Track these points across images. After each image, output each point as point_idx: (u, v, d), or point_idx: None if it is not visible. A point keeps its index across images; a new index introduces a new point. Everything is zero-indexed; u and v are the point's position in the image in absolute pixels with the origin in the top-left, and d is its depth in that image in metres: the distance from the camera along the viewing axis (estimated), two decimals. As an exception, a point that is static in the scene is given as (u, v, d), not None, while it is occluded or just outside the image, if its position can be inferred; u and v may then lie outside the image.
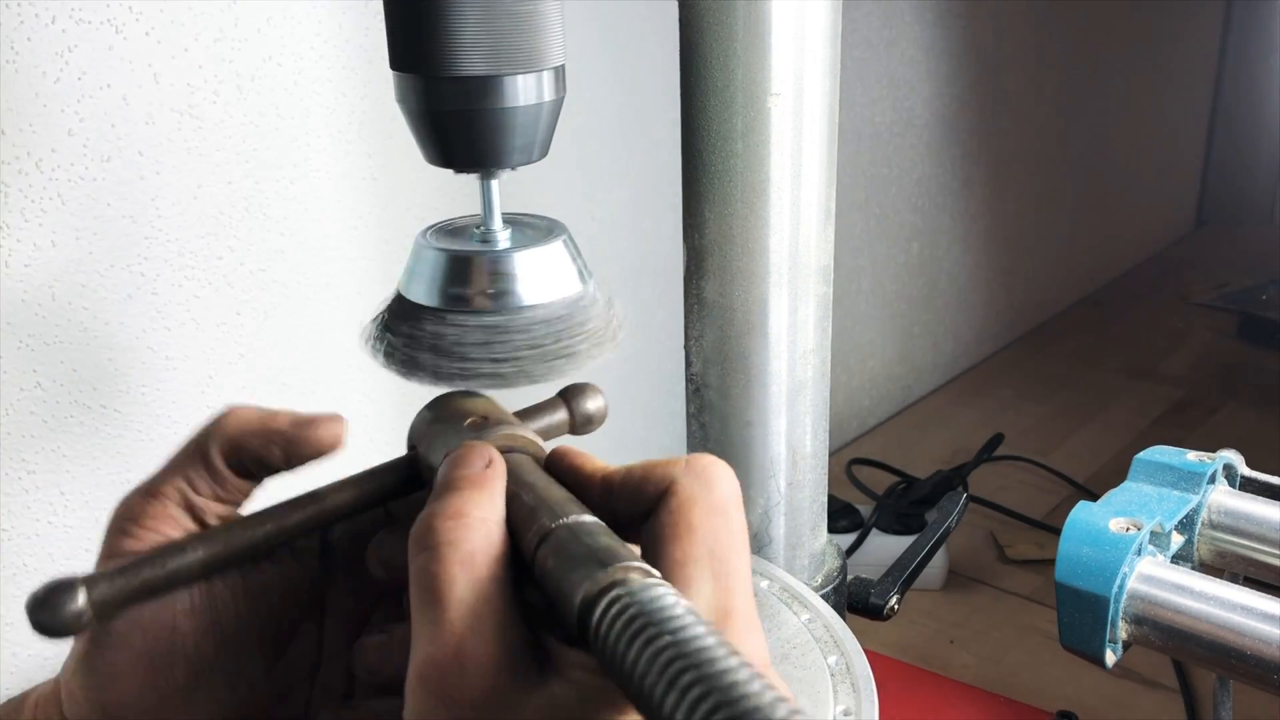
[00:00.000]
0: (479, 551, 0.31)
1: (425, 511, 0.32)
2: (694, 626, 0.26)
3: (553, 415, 0.41)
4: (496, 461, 0.34)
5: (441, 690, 0.29)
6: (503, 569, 0.31)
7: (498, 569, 0.31)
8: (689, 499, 0.32)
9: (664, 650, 0.25)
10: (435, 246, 0.41)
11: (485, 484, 0.33)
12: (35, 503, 0.77)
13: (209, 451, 0.37)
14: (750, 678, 0.24)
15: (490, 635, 0.29)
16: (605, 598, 0.28)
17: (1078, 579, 0.49)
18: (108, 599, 0.34)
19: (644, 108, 1.15)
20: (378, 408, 0.97)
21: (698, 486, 0.32)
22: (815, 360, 0.63)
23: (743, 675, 0.24)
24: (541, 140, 0.42)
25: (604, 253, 1.15)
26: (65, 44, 0.72)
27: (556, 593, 0.29)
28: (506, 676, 0.29)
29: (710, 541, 0.31)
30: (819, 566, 0.68)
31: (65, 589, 0.34)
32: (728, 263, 0.60)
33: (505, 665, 0.29)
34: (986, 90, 1.79)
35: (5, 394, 0.74)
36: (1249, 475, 0.55)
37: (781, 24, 0.55)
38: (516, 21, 0.39)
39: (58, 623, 0.34)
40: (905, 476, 1.49)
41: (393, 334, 0.41)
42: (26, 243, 0.73)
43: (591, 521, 0.31)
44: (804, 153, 0.58)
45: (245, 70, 0.82)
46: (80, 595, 0.34)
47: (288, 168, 0.86)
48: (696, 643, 0.25)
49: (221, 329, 0.85)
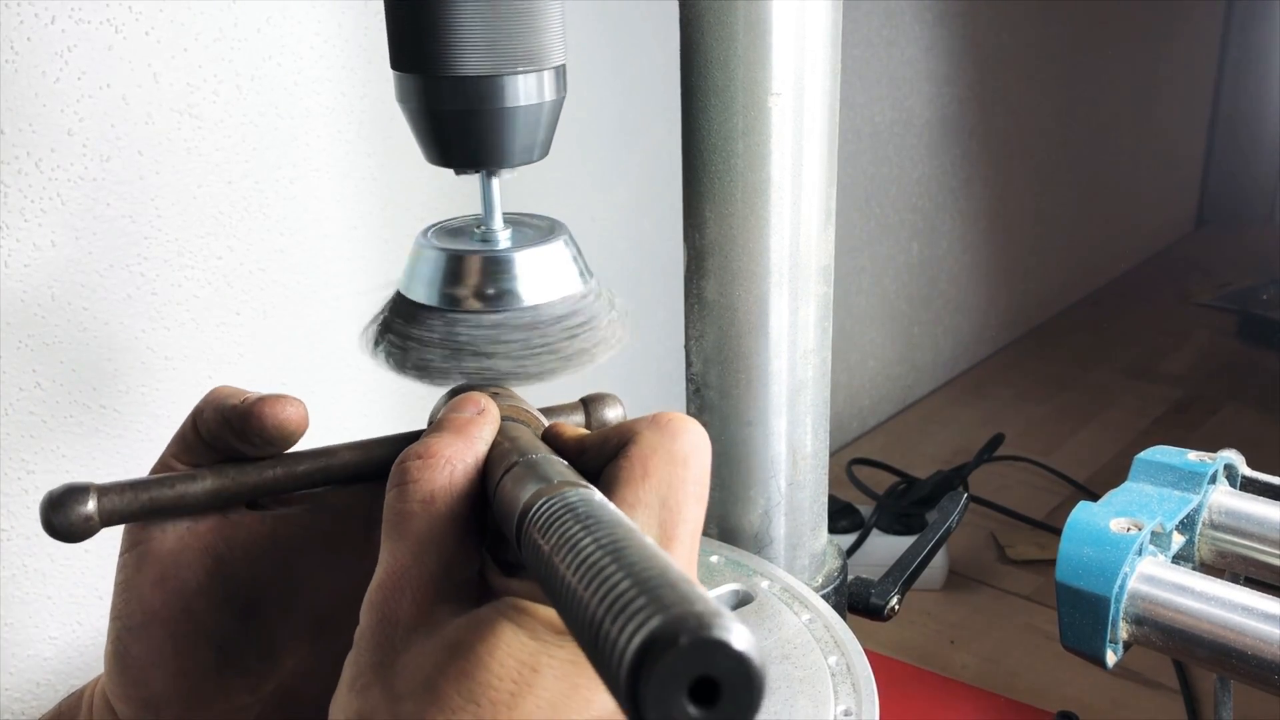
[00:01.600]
0: (439, 490, 0.33)
1: (406, 448, 0.34)
2: (621, 525, 0.25)
3: (568, 417, 0.42)
4: (488, 410, 0.36)
5: (382, 609, 0.31)
6: (463, 508, 0.33)
7: (457, 507, 0.33)
8: (649, 447, 0.33)
9: (582, 541, 0.24)
10: (436, 246, 0.41)
11: (465, 428, 0.35)
12: (35, 503, 0.77)
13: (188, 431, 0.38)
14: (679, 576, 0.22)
15: (432, 565, 0.31)
16: (537, 502, 0.28)
17: (1078, 579, 0.49)
18: (116, 509, 0.36)
19: (644, 108, 1.15)
20: (378, 408, 0.97)
21: (660, 436, 0.33)
22: (816, 360, 0.63)
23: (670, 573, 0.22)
24: (542, 140, 0.42)
25: (604, 253, 1.15)
26: (65, 44, 0.72)
27: (505, 515, 0.31)
28: (440, 602, 0.31)
29: (663, 489, 0.32)
30: (819, 567, 0.68)
31: (78, 492, 0.35)
32: (728, 263, 0.60)
33: (441, 592, 0.31)
34: (986, 90, 1.79)
35: (5, 394, 0.74)
36: (1250, 475, 0.55)
37: (782, 24, 0.55)
38: (517, 21, 0.39)
39: (67, 523, 0.35)
40: (905, 476, 1.49)
41: (392, 334, 0.41)
42: (26, 243, 0.73)
43: (555, 459, 0.33)
44: (804, 153, 0.58)
45: (245, 70, 0.82)
46: (91, 501, 0.35)
47: (287, 168, 0.86)
48: (624, 540, 0.24)
49: (221, 329, 0.85)
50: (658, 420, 0.33)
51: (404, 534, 0.32)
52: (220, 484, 0.37)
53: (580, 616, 0.23)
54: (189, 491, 0.37)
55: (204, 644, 0.37)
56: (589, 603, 0.22)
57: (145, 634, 0.37)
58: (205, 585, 0.37)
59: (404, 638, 0.30)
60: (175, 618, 0.37)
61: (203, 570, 0.38)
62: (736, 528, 0.64)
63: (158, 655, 0.37)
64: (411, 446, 0.34)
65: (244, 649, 0.38)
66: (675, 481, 0.32)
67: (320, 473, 0.38)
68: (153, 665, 0.37)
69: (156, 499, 0.36)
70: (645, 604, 0.21)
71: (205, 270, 0.83)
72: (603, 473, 0.33)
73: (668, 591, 0.21)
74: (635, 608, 0.21)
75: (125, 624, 0.37)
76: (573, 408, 0.42)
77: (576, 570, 0.24)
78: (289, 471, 0.38)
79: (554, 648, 0.29)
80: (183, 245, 0.81)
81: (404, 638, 0.30)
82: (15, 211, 0.72)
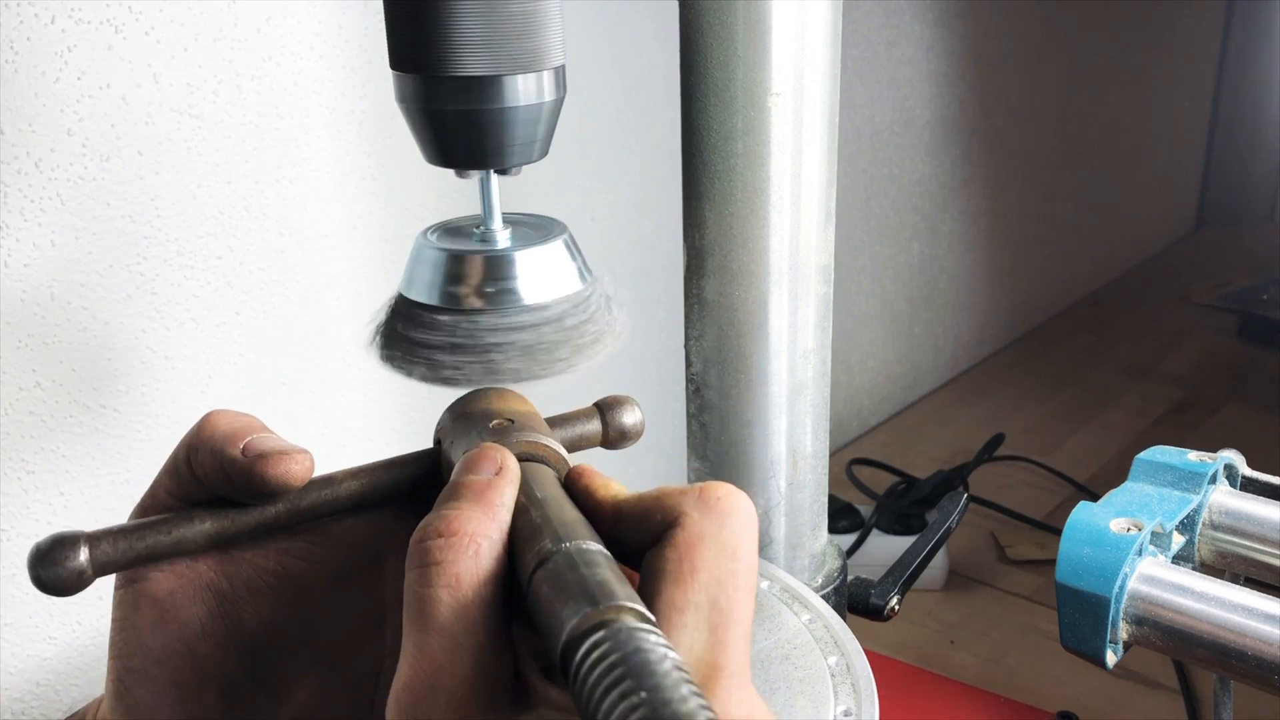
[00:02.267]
0: (465, 574, 0.29)
1: (423, 522, 0.31)
2: (676, 686, 0.24)
3: (585, 425, 0.40)
4: (507, 469, 0.33)
5: (414, 715, 0.28)
6: (492, 591, 0.30)
7: (486, 591, 0.30)
8: (697, 536, 0.30)
9: (638, 708, 0.24)
10: (436, 246, 0.41)
11: (486, 497, 0.32)
12: (35, 503, 0.77)
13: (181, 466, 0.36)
14: None
15: (468, 664, 0.29)
16: (590, 639, 0.26)
17: (1078, 579, 0.49)
18: (110, 559, 0.33)
19: (644, 108, 1.15)
20: (378, 408, 0.97)
21: (708, 521, 0.30)
22: (816, 360, 0.63)
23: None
24: (542, 140, 0.42)
25: (604, 253, 1.15)
26: (65, 44, 0.72)
27: (545, 624, 0.28)
28: (478, 708, 0.28)
29: (713, 588, 0.29)
30: (819, 567, 0.68)
31: (68, 544, 0.33)
32: (728, 262, 0.60)
33: (479, 696, 0.29)
34: (986, 90, 1.79)
35: (5, 394, 0.74)
36: (1250, 475, 0.55)
37: (782, 24, 0.55)
38: (517, 21, 0.38)
39: (58, 578, 0.33)
40: (905, 476, 1.49)
41: (394, 335, 0.41)
42: (26, 242, 0.73)
43: (595, 550, 0.30)
44: (804, 153, 0.58)
45: (245, 70, 0.82)
46: (82, 552, 0.33)
47: (287, 168, 0.86)
48: (673, 706, 0.24)
49: (221, 329, 0.85)
50: (705, 499, 0.30)
51: (431, 626, 0.29)
52: (219, 526, 0.35)
53: None
54: (186, 536, 0.34)
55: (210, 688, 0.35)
56: None
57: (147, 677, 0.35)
58: (208, 626, 0.35)
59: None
60: (178, 664, 0.35)
61: (204, 610, 0.35)
62: (736, 528, 0.64)
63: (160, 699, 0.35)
64: (429, 522, 0.31)
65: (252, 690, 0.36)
66: (726, 577, 0.29)
67: (325, 505, 0.36)
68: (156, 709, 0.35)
69: (153, 546, 0.34)
70: None
71: (205, 270, 0.83)
72: (645, 561, 0.30)
73: None
74: None
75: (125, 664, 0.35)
76: (587, 414, 0.40)
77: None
78: (292, 508, 0.36)
79: None
80: (183, 245, 0.81)
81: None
82: (15, 211, 0.72)
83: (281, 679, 0.37)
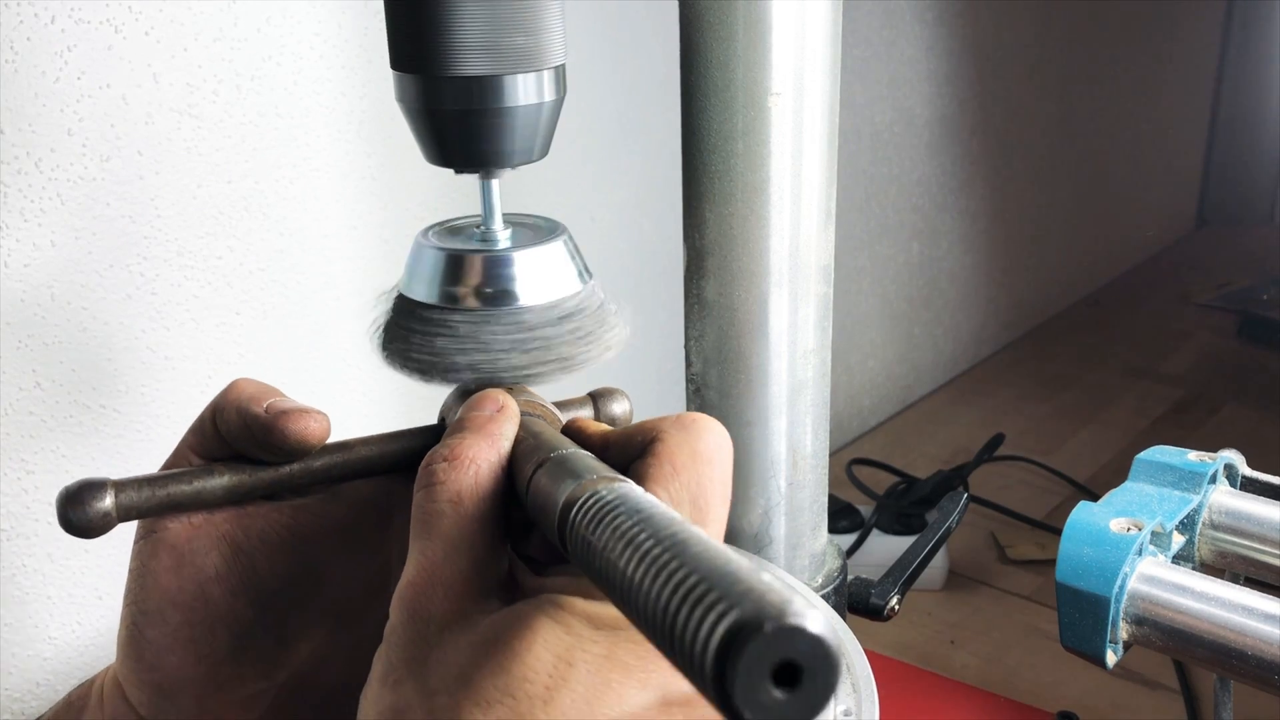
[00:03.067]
0: (466, 491, 0.33)
1: (431, 451, 0.34)
2: (675, 519, 0.25)
3: (579, 410, 0.43)
4: (507, 406, 0.36)
5: (414, 607, 0.31)
6: (490, 507, 0.33)
7: (485, 507, 0.33)
8: (676, 445, 0.33)
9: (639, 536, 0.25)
10: (436, 246, 0.41)
11: (487, 428, 0.35)
12: (35, 503, 0.77)
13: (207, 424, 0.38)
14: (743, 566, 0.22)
15: (464, 563, 0.32)
16: (581, 497, 0.28)
17: (1078, 579, 0.49)
18: (134, 504, 0.36)
19: (644, 108, 1.15)
20: (378, 408, 0.97)
21: (685, 435, 0.33)
22: (816, 360, 0.63)
23: (735, 564, 0.22)
24: (542, 140, 0.42)
25: (604, 253, 1.15)
26: (65, 44, 0.72)
27: (543, 510, 0.31)
28: (471, 599, 0.31)
29: (693, 488, 0.32)
30: (819, 567, 0.68)
31: (95, 488, 0.35)
32: (728, 263, 0.60)
33: (473, 589, 0.31)
34: (986, 90, 1.79)
35: (5, 394, 0.74)
36: (1250, 475, 0.55)
37: (782, 24, 0.55)
38: (517, 21, 0.39)
39: (85, 519, 0.35)
40: (905, 476, 1.49)
41: (394, 335, 0.41)
42: (26, 242, 0.73)
43: (584, 454, 0.33)
44: (804, 153, 0.58)
45: (245, 70, 0.82)
46: (108, 496, 0.35)
47: (287, 167, 0.86)
48: (683, 533, 0.24)
49: (221, 329, 0.85)
50: (682, 420, 0.34)
51: (434, 534, 0.32)
52: (238, 480, 0.37)
53: (649, 609, 0.23)
54: (206, 487, 0.37)
55: (220, 629, 0.38)
56: (659, 596, 0.23)
57: (160, 618, 0.37)
58: (222, 572, 0.38)
59: (437, 634, 0.30)
60: (191, 603, 0.37)
61: (219, 557, 0.38)
62: (736, 528, 0.64)
63: (173, 639, 0.37)
64: (436, 449, 0.34)
65: (260, 636, 0.39)
66: (703, 480, 0.32)
67: (337, 468, 0.39)
68: (167, 649, 0.37)
69: (174, 495, 0.36)
70: (723, 594, 0.21)
71: (205, 270, 0.83)
72: (629, 470, 0.33)
73: (740, 581, 0.22)
74: (712, 599, 0.21)
75: (140, 608, 0.37)
76: (581, 402, 0.43)
77: (639, 564, 0.24)
78: (306, 468, 0.38)
79: (589, 642, 0.29)
80: (183, 245, 0.81)
81: (437, 634, 0.30)
82: (15, 211, 0.72)
83: (289, 629, 0.39)
